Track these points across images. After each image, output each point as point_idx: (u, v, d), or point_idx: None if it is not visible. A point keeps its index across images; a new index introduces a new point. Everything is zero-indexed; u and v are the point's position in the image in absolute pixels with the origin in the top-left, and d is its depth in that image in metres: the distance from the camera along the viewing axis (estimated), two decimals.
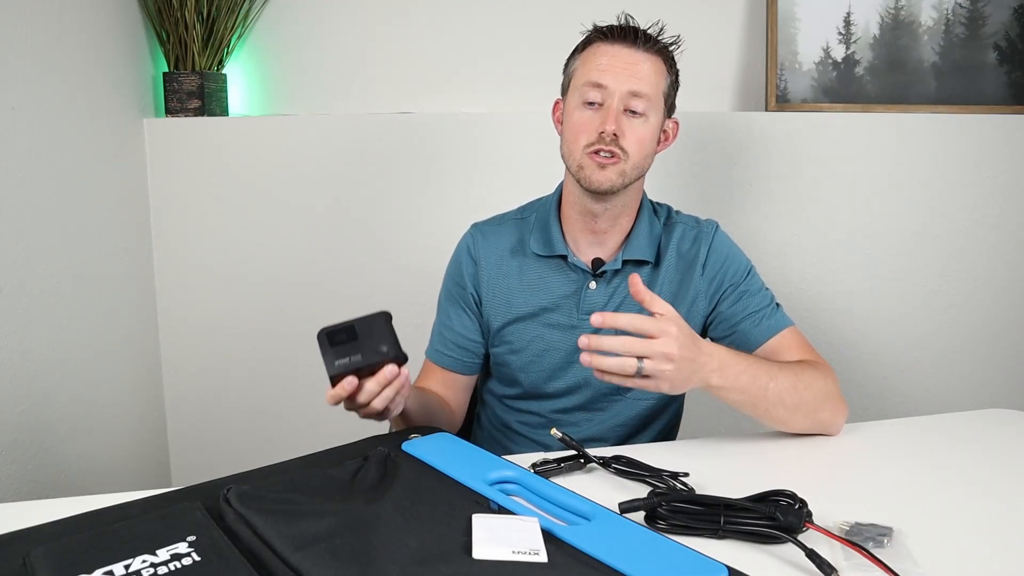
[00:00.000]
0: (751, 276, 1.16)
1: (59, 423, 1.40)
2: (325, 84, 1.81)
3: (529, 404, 1.20)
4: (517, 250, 1.18)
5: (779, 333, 1.11)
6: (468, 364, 1.21)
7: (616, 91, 1.05)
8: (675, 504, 0.78)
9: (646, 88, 1.06)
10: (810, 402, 1.01)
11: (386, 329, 0.89)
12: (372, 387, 0.89)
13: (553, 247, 1.15)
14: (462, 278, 1.20)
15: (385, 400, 0.90)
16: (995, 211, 1.83)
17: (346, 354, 0.87)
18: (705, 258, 1.15)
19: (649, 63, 1.06)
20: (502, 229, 1.21)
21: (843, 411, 1.05)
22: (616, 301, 1.14)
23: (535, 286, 1.16)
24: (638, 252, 1.13)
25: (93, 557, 0.64)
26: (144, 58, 1.72)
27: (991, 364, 1.89)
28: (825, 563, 0.69)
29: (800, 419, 1.02)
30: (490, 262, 1.18)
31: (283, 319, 1.77)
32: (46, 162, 1.36)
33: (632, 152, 1.06)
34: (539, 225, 1.18)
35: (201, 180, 1.72)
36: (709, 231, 1.17)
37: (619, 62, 1.06)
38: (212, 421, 1.81)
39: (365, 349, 0.87)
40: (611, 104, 1.05)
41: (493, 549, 0.67)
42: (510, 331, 1.17)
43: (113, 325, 1.58)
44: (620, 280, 1.14)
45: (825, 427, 1.05)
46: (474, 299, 1.19)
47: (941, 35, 1.80)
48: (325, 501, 0.75)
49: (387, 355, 0.88)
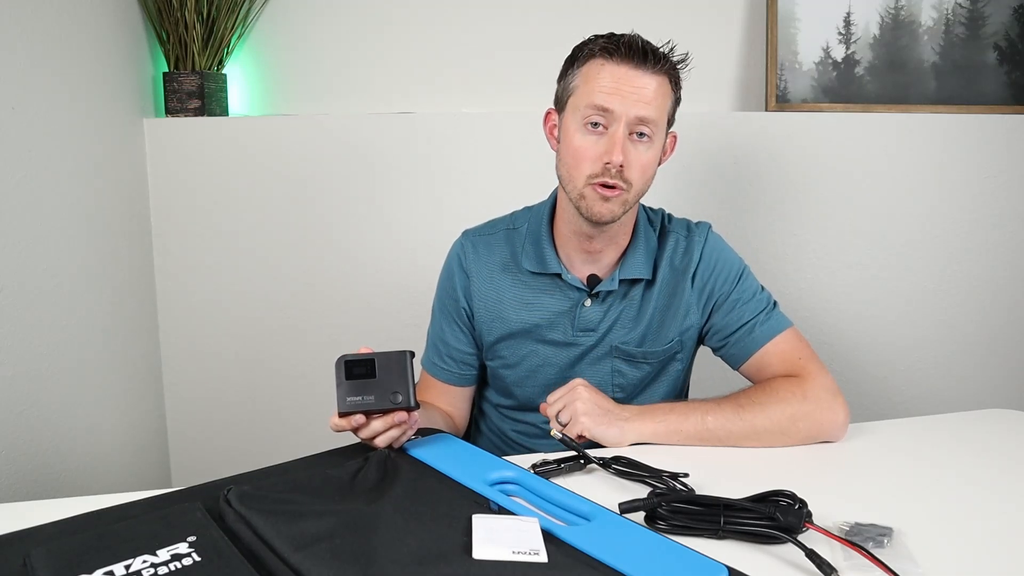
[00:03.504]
0: (743, 281, 1.13)
1: (59, 423, 1.40)
2: (325, 84, 1.81)
3: (525, 415, 1.20)
4: (509, 266, 1.15)
5: (772, 340, 1.09)
6: (465, 376, 1.20)
7: (623, 116, 0.99)
8: (675, 504, 0.78)
9: (653, 113, 1.00)
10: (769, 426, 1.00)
11: (405, 373, 0.89)
12: (378, 427, 0.89)
13: (547, 265, 1.12)
14: (454, 291, 1.17)
15: (388, 440, 0.90)
16: (995, 211, 1.82)
17: (359, 392, 0.87)
18: (695, 268, 1.12)
19: (656, 84, 1.00)
20: (493, 239, 1.17)
21: (831, 420, 1.02)
22: (611, 318, 1.13)
23: (529, 303, 1.13)
24: (635, 271, 1.11)
25: (93, 557, 0.64)
26: (144, 58, 1.72)
27: (991, 364, 1.89)
28: (825, 563, 0.69)
29: (772, 440, 1.00)
30: (482, 276, 1.16)
31: (283, 319, 1.77)
32: (46, 162, 1.36)
33: (636, 181, 1.03)
34: (531, 239, 1.14)
35: (201, 180, 1.72)
36: (700, 238, 1.13)
37: (626, 85, 0.99)
38: (212, 421, 1.81)
39: (379, 391, 0.87)
40: (616, 132, 1.00)
41: (493, 549, 0.67)
42: (504, 346, 1.16)
43: (113, 325, 1.58)
44: (615, 298, 1.12)
45: (815, 437, 1.02)
46: (466, 312, 1.17)
47: (941, 35, 1.80)
48: (325, 501, 0.75)
49: (399, 404, 0.87)
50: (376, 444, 0.90)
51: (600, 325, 1.12)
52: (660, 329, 1.13)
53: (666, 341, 1.13)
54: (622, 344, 1.13)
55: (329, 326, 1.77)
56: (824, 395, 1.02)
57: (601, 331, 1.12)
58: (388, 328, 1.76)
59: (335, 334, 1.77)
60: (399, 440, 0.92)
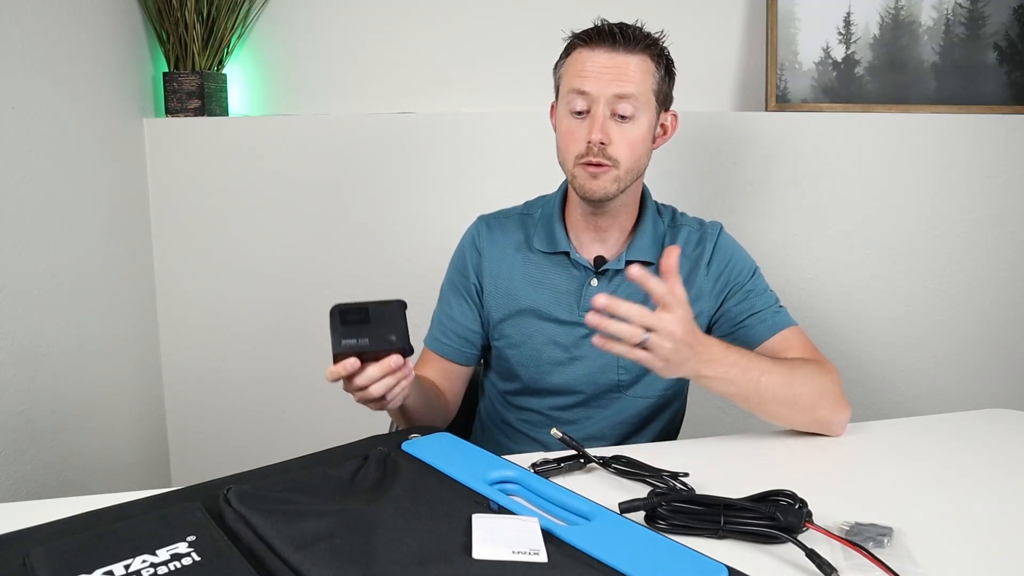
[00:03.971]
0: (756, 276, 1.17)
1: (59, 423, 1.40)
2: (325, 84, 1.81)
3: (528, 400, 1.20)
4: (521, 245, 1.19)
5: (782, 331, 1.11)
6: (466, 354, 1.21)
7: (600, 96, 1.04)
8: (675, 504, 0.78)
9: (631, 89, 1.04)
10: (806, 398, 1.01)
11: (399, 318, 0.89)
12: (373, 372, 0.89)
13: (556, 244, 1.16)
14: (466, 267, 1.21)
15: (384, 388, 0.90)
16: (995, 211, 1.82)
17: (354, 335, 0.87)
18: (710, 257, 1.15)
19: (634, 62, 1.05)
20: (507, 223, 1.21)
21: (844, 411, 1.04)
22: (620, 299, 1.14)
23: (537, 281, 1.16)
24: (642, 253, 1.14)
25: (93, 557, 0.64)
26: (144, 58, 1.72)
27: (991, 364, 1.89)
28: (825, 563, 0.69)
29: (797, 415, 1.02)
30: (494, 254, 1.19)
31: (283, 319, 1.77)
32: (46, 162, 1.36)
33: (622, 158, 1.06)
34: (543, 221, 1.19)
35: (201, 180, 1.72)
36: (713, 232, 1.17)
37: (600, 66, 1.05)
38: (212, 421, 1.81)
39: (374, 334, 0.87)
40: (596, 112, 1.05)
41: (493, 549, 0.67)
42: (510, 324, 1.17)
43: (113, 325, 1.58)
44: (622, 278, 1.14)
45: (825, 426, 1.04)
46: (476, 289, 1.20)
47: (941, 35, 1.80)
48: (325, 501, 0.75)
49: (394, 344, 0.88)
50: (371, 393, 0.90)
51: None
52: None
53: None
54: None
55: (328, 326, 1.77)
56: (840, 387, 1.05)
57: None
58: None
59: None
60: (394, 391, 0.91)
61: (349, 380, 0.89)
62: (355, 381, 0.89)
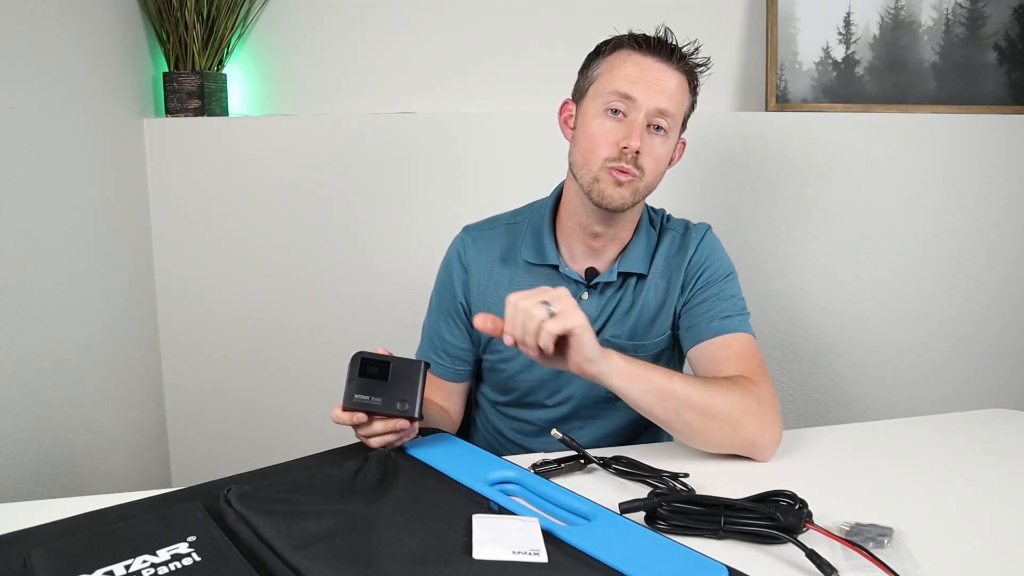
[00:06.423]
0: (728, 281, 1.13)
1: (59, 423, 1.40)
2: (325, 84, 1.81)
3: (521, 412, 1.20)
4: (508, 258, 1.16)
5: (726, 335, 1.06)
6: (460, 372, 1.20)
7: (644, 105, 1.02)
8: (675, 504, 0.78)
9: (673, 107, 1.03)
10: (728, 411, 0.94)
11: (417, 382, 0.89)
12: (378, 428, 0.90)
13: (545, 256, 1.13)
14: (452, 285, 1.18)
15: (384, 443, 0.91)
16: (995, 211, 1.82)
17: (368, 391, 0.88)
18: (691, 256, 1.13)
19: (677, 81, 1.04)
20: (494, 234, 1.18)
21: (773, 432, 0.97)
22: (608, 311, 1.13)
23: None
24: (634, 265, 1.12)
25: (93, 557, 0.64)
26: (144, 58, 1.72)
27: (991, 364, 1.89)
28: (825, 563, 0.69)
29: (719, 429, 0.94)
30: (481, 270, 1.16)
31: (283, 319, 1.77)
32: (46, 162, 1.36)
33: (648, 171, 1.04)
34: (531, 231, 1.16)
35: (201, 180, 1.72)
36: (697, 235, 1.15)
37: (651, 75, 1.02)
38: (212, 421, 1.81)
39: (387, 394, 0.88)
40: (636, 119, 1.02)
41: (493, 549, 0.67)
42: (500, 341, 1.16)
43: (113, 325, 1.58)
44: (612, 291, 1.13)
45: (750, 446, 0.96)
46: (463, 308, 1.18)
47: (941, 35, 1.80)
48: (325, 501, 0.75)
49: (404, 412, 0.88)
50: (371, 444, 0.91)
51: (596, 319, 1.13)
52: (651, 323, 1.13)
53: (658, 334, 1.14)
54: (612, 338, 1.13)
55: (329, 326, 1.77)
56: (773, 408, 0.99)
57: (597, 325, 1.13)
58: (388, 328, 1.76)
59: (335, 334, 1.77)
60: (394, 444, 0.92)
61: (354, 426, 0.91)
62: (358, 432, 0.91)
